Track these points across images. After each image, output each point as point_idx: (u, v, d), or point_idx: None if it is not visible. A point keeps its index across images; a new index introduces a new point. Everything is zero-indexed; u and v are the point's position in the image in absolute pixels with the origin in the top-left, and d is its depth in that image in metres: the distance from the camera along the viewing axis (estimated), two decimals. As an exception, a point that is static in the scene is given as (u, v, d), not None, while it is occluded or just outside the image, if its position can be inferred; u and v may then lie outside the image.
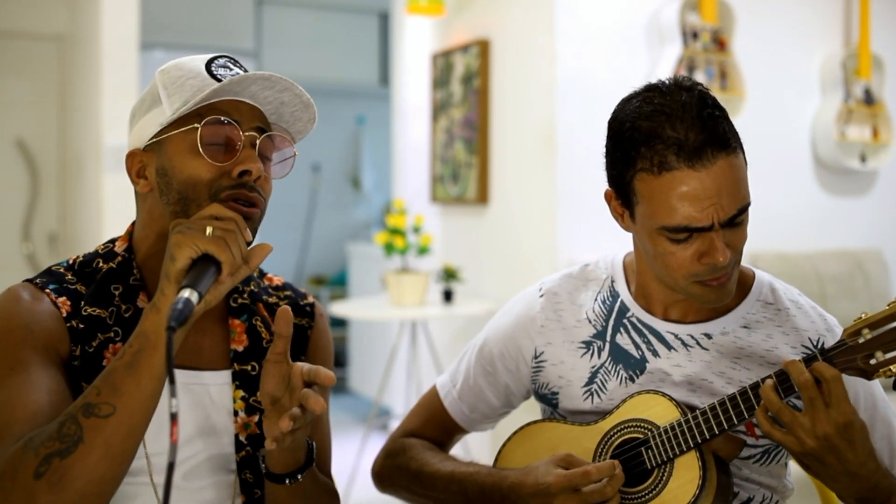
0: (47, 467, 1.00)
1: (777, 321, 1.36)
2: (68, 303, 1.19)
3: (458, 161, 4.27)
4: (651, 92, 1.25)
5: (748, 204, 1.23)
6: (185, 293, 1.00)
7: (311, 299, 1.41)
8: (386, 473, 1.51)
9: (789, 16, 4.09)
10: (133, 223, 1.29)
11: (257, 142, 1.19)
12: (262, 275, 1.41)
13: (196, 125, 1.16)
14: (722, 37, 3.79)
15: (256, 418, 1.27)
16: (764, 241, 3.80)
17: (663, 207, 1.21)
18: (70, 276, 1.23)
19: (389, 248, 3.96)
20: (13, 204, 5.20)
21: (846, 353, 1.17)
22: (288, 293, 1.39)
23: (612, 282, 1.44)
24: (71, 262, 1.26)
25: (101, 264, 1.24)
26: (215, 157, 1.16)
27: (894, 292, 4.07)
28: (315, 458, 1.24)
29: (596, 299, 1.43)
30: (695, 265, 1.24)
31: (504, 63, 4.00)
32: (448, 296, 3.98)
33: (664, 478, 1.28)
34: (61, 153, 5.20)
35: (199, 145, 1.16)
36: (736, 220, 1.22)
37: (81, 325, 1.18)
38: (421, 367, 4.32)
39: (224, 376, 1.27)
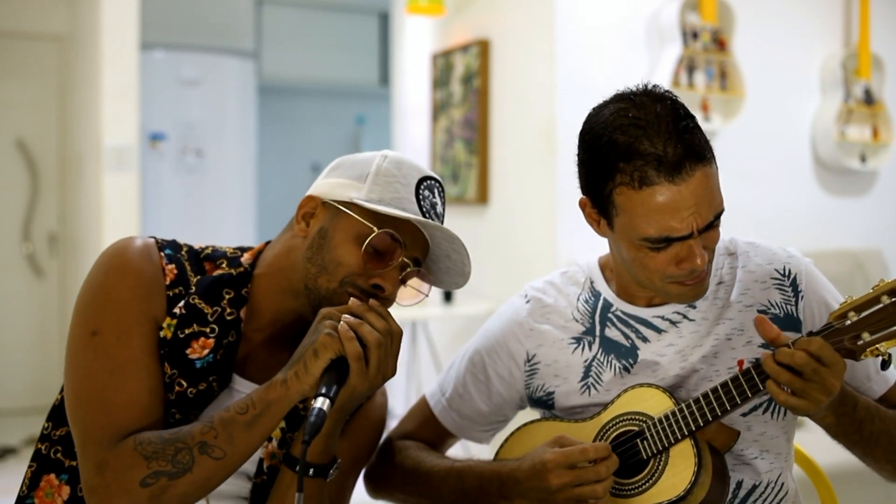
0: (155, 481, 1.13)
1: (742, 262, 1.43)
2: (175, 271, 1.27)
3: (458, 161, 4.27)
4: (623, 103, 1.27)
5: (723, 210, 1.29)
6: (319, 402, 1.11)
7: None
8: (378, 475, 1.51)
9: (789, 16, 4.09)
10: (267, 243, 1.36)
11: (408, 269, 1.27)
12: None
13: (374, 228, 1.24)
14: (722, 37, 3.79)
15: (283, 452, 1.29)
16: (764, 241, 3.80)
17: (644, 220, 1.25)
18: (184, 253, 1.30)
19: (389, 248, 3.96)
20: (13, 204, 5.20)
21: (833, 335, 1.21)
22: None
23: (592, 282, 1.49)
24: (197, 247, 1.33)
25: (223, 265, 1.31)
26: (368, 259, 1.24)
27: (894, 292, 4.06)
28: (335, 471, 1.26)
29: (579, 299, 1.48)
30: (672, 269, 1.28)
31: (504, 63, 4.00)
32: (448, 296, 3.98)
33: (660, 467, 1.30)
34: (61, 153, 5.20)
35: (365, 243, 1.24)
36: (712, 225, 1.28)
37: (184, 310, 1.25)
38: (421, 368, 4.32)
39: None
